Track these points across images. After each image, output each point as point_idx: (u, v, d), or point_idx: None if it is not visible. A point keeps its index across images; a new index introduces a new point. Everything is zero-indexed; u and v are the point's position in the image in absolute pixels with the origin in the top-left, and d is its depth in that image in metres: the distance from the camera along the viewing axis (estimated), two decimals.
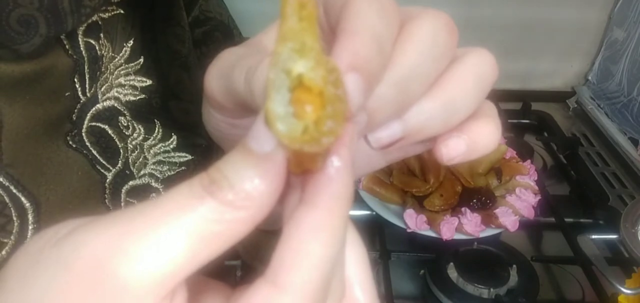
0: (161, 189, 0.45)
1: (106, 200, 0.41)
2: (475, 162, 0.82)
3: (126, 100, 0.45)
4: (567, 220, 0.83)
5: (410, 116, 0.25)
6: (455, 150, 0.26)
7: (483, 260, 0.73)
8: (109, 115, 0.43)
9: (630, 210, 0.66)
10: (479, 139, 0.26)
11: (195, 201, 0.19)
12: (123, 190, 0.43)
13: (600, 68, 1.19)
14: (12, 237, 0.35)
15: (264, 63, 0.22)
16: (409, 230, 0.73)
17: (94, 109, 0.42)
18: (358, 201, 0.80)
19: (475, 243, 0.74)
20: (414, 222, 0.73)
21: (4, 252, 0.35)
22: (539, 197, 0.77)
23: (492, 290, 0.69)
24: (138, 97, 0.46)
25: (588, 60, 1.22)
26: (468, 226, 0.71)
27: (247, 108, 0.25)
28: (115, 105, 0.43)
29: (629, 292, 0.63)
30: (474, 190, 0.76)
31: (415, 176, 0.80)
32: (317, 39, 0.19)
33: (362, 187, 0.79)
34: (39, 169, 0.37)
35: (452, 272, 0.72)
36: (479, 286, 0.70)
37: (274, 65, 0.18)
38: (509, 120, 1.09)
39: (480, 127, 0.26)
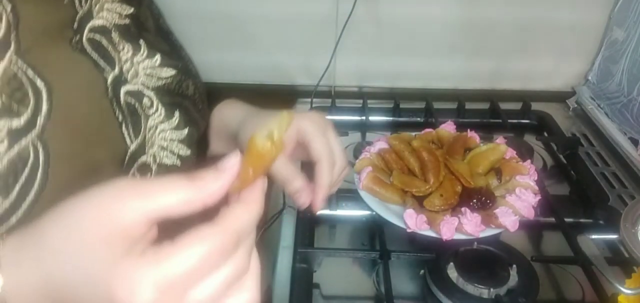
0: (153, 96, 0.54)
1: (108, 95, 0.49)
2: (475, 162, 0.82)
3: (114, 23, 0.53)
4: (567, 220, 0.83)
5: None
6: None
7: (483, 260, 0.73)
8: (103, 31, 0.51)
9: (630, 210, 0.65)
10: None
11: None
12: (122, 92, 0.51)
13: (600, 68, 1.19)
14: (28, 110, 0.42)
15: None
16: (409, 230, 0.73)
17: (91, 23, 0.50)
18: (358, 201, 0.80)
19: (475, 243, 0.74)
20: (414, 222, 0.73)
21: (22, 120, 0.41)
22: (539, 197, 0.77)
23: (492, 290, 0.69)
24: (123, 22, 0.55)
25: (588, 60, 1.22)
26: (468, 226, 0.71)
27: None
28: (105, 25, 0.52)
29: (629, 292, 0.63)
30: (474, 190, 0.76)
31: (415, 176, 0.80)
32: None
33: (362, 187, 0.79)
34: (52, 62, 0.45)
35: (452, 272, 0.72)
36: (479, 286, 0.70)
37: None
38: (509, 120, 1.10)
39: None
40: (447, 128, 0.91)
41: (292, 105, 1.15)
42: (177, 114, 0.56)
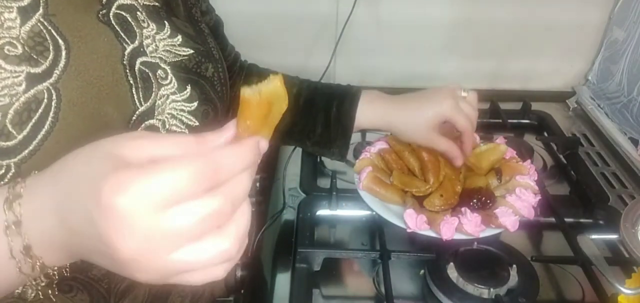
0: (168, 69, 0.59)
1: (124, 62, 0.54)
2: (476, 160, 0.82)
3: (142, 4, 0.59)
4: (567, 220, 0.83)
5: None
6: None
7: (483, 260, 0.73)
8: (130, 9, 0.58)
9: (630, 210, 0.65)
10: None
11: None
12: (138, 61, 0.56)
13: (600, 68, 1.19)
14: (47, 62, 0.48)
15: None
16: (409, 230, 0.73)
17: (118, 1, 0.57)
18: (358, 201, 0.80)
19: (475, 243, 0.74)
20: (414, 222, 0.72)
21: (40, 69, 0.47)
22: (539, 197, 0.77)
23: (492, 290, 0.69)
24: (151, 4, 0.61)
25: (588, 60, 1.22)
26: (468, 226, 0.71)
27: None
28: (133, 4, 0.58)
29: (629, 292, 0.63)
30: (474, 190, 0.76)
31: (415, 176, 0.80)
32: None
33: (362, 187, 0.79)
34: (76, 27, 0.51)
35: (452, 272, 0.72)
36: (479, 286, 0.70)
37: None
38: (509, 120, 1.10)
39: None
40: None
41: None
42: (189, 87, 0.60)
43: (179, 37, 0.62)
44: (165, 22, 0.61)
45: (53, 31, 0.49)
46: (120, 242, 0.34)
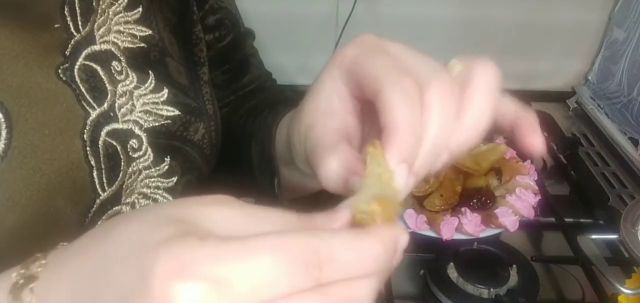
0: (143, 137, 0.46)
1: (84, 136, 0.42)
2: (475, 162, 0.82)
3: (124, 47, 0.46)
4: (567, 220, 0.83)
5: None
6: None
7: (483, 260, 0.73)
8: (104, 58, 0.44)
9: (630, 210, 0.65)
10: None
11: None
12: (103, 131, 0.43)
13: (600, 68, 1.19)
14: None
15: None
16: (409, 230, 0.73)
17: (89, 48, 0.43)
18: None
19: (475, 243, 0.74)
20: (414, 222, 0.73)
21: None
22: (539, 197, 0.77)
23: (492, 290, 0.69)
24: (136, 45, 0.47)
25: (588, 60, 1.22)
26: (468, 226, 0.71)
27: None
28: (112, 49, 0.45)
29: (629, 292, 0.63)
30: (474, 190, 0.76)
31: None
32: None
33: None
34: (25, 91, 0.39)
35: (452, 272, 0.72)
36: (479, 286, 0.70)
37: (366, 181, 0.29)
38: None
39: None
40: None
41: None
42: (168, 159, 0.48)
43: (165, 91, 0.48)
44: (150, 71, 0.48)
45: None
46: None
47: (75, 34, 0.43)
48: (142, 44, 0.48)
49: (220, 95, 0.61)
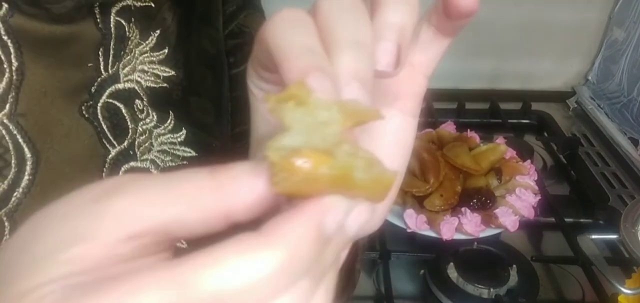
0: None
1: (103, 174, 0.42)
2: (475, 162, 0.82)
3: (147, 86, 0.46)
4: (567, 220, 0.83)
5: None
6: None
7: (483, 260, 0.73)
8: (127, 96, 0.44)
9: (630, 210, 0.65)
10: None
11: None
12: (122, 169, 0.43)
13: (600, 68, 1.19)
14: (5, 183, 0.36)
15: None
16: (409, 230, 0.73)
17: (113, 87, 0.43)
18: None
19: (475, 243, 0.74)
20: (414, 222, 0.73)
21: None
22: (539, 197, 0.77)
23: (492, 290, 0.69)
24: (159, 85, 0.47)
25: (588, 60, 1.22)
26: (468, 226, 0.71)
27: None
28: (136, 88, 0.45)
29: (629, 292, 0.63)
30: (474, 190, 0.76)
31: (415, 176, 0.80)
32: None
33: None
34: (48, 128, 0.39)
35: (452, 272, 0.72)
36: (479, 286, 0.70)
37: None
38: (509, 120, 1.10)
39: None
40: (447, 128, 0.91)
41: None
42: None
43: (183, 132, 0.47)
44: (171, 111, 0.47)
45: (19, 137, 0.37)
46: None
47: (103, 73, 0.43)
48: (165, 84, 0.47)
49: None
